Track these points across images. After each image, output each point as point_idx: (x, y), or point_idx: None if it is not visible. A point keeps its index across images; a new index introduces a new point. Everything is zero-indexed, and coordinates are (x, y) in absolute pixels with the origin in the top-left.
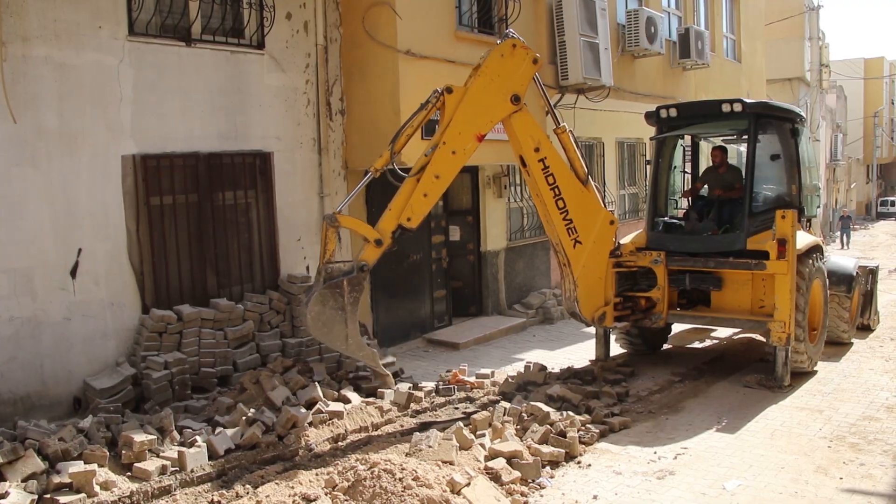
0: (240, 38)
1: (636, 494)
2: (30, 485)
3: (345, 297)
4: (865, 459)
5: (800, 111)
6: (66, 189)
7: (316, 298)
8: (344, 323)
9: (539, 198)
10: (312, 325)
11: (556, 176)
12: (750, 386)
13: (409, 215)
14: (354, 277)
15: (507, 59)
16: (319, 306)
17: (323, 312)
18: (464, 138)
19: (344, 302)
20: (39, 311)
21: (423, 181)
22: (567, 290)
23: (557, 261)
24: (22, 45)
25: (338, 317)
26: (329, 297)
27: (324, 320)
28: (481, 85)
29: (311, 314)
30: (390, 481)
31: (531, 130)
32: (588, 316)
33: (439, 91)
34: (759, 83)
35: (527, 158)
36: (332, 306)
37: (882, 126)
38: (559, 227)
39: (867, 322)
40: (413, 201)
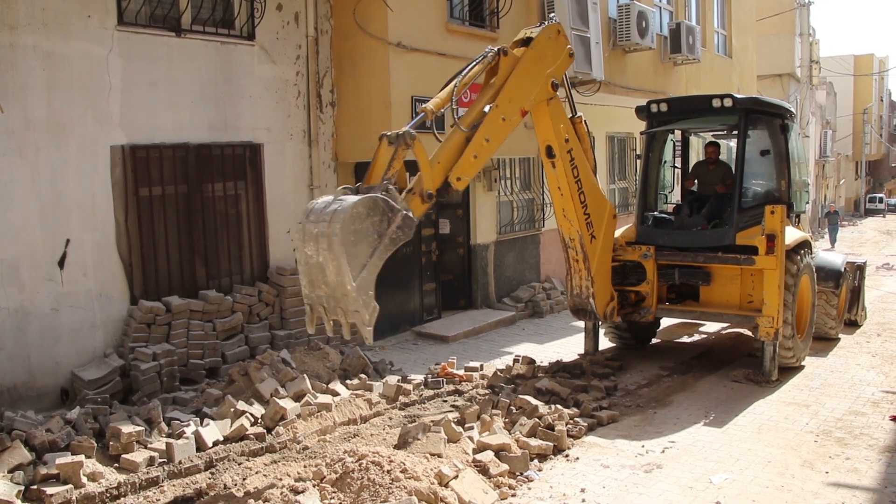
0: (230, 29)
1: (624, 488)
2: (16, 476)
3: (389, 227)
4: (851, 454)
5: (790, 107)
6: (54, 179)
7: (367, 199)
8: (371, 250)
9: (560, 191)
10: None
11: (579, 168)
12: (738, 380)
13: (458, 174)
14: (408, 218)
15: (552, 43)
16: (365, 209)
17: (362, 220)
18: (513, 107)
19: (385, 230)
20: (27, 301)
21: (475, 142)
22: (577, 287)
23: (567, 256)
24: (9, 34)
25: (371, 238)
26: (378, 210)
27: (356, 228)
28: (532, 59)
29: (353, 209)
30: (378, 473)
31: (563, 120)
32: (601, 311)
33: (495, 49)
34: (750, 79)
35: (556, 149)
36: (373, 222)
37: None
38: (579, 222)
39: (854, 318)
40: (464, 160)
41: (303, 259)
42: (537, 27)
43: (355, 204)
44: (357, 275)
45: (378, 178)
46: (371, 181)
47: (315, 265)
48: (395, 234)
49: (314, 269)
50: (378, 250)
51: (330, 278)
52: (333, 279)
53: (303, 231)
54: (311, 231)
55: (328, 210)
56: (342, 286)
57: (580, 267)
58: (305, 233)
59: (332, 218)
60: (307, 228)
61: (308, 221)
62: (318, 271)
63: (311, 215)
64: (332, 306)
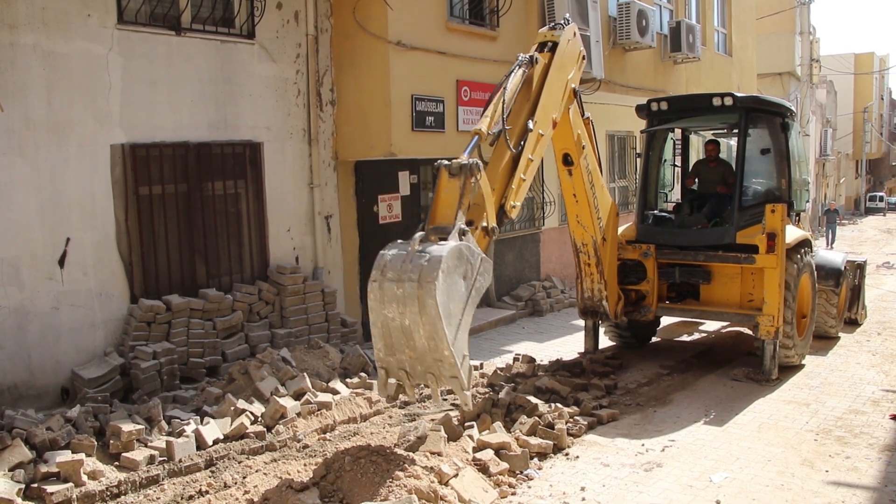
0: (230, 28)
1: (624, 486)
2: (17, 474)
3: (474, 276)
4: (851, 452)
5: (790, 106)
6: (54, 178)
7: (454, 251)
8: (463, 305)
9: (575, 198)
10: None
11: (592, 173)
12: (738, 379)
13: (513, 200)
14: (487, 261)
15: (571, 47)
16: (454, 262)
17: (453, 274)
18: (546, 120)
19: (472, 281)
20: (27, 300)
21: (523, 162)
22: (589, 290)
23: (578, 261)
24: (9, 33)
25: (460, 293)
26: (463, 260)
27: (448, 285)
28: (557, 67)
29: (445, 265)
30: (378, 472)
31: (580, 126)
32: (612, 311)
33: (527, 57)
34: (750, 77)
35: (574, 156)
36: (460, 275)
37: (871, 121)
38: (594, 227)
39: (855, 316)
40: (516, 184)
41: (380, 321)
42: (555, 30)
43: (445, 259)
44: (454, 337)
45: (446, 217)
46: (438, 220)
47: (398, 328)
48: (480, 283)
49: (396, 333)
50: (468, 304)
51: (419, 343)
52: (424, 343)
53: (380, 291)
54: (394, 292)
55: (411, 266)
56: (436, 351)
57: (592, 270)
58: (385, 293)
59: (421, 276)
60: (387, 288)
61: (386, 280)
62: (402, 335)
63: (389, 272)
64: (420, 371)
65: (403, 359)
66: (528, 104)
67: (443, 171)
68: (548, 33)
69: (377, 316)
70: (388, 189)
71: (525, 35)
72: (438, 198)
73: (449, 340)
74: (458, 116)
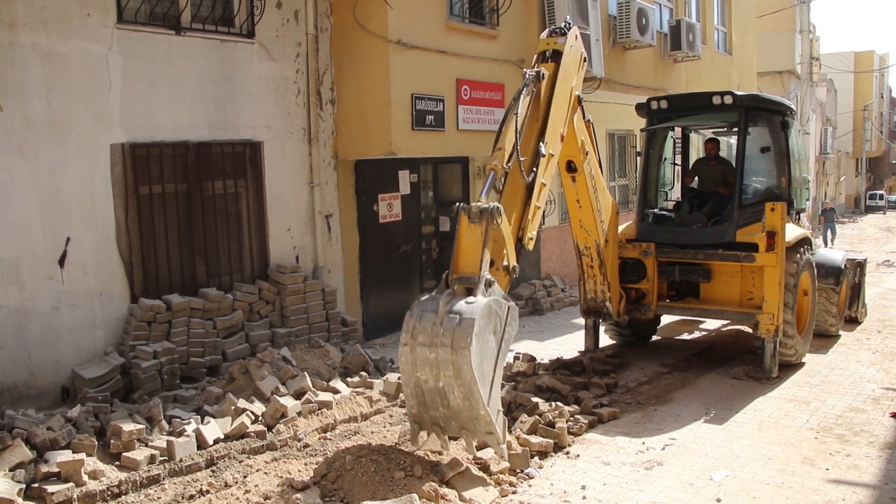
0: (230, 27)
1: (624, 485)
2: (17, 474)
3: (504, 328)
4: (851, 450)
5: (790, 104)
6: (54, 178)
7: (484, 310)
8: (494, 362)
9: (578, 204)
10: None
11: (595, 178)
12: (738, 377)
13: (530, 233)
14: (515, 309)
15: (574, 51)
16: (485, 322)
17: (484, 334)
18: (556, 138)
19: (502, 335)
20: (27, 300)
21: (537, 190)
22: (592, 291)
23: (580, 263)
24: (9, 33)
25: (492, 349)
26: (493, 316)
27: (481, 346)
28: (562, 78)
29: (477, 327)
30: (379, 471)
31: (584, 132)
32: (616, 311)
33: (533, 74)
34: (750, 76)
35: (578, 163)
36: (490, 331)
37: (871, 120)
38: (596, 231)
39: (855, 314)
40: (532, 214)
41: (412, 382)
42: (556, 36)
43: (477, 321)
44: (488, 396)
45: (469, 266)
46: (462, 269)
47: (431, 390)
48: (509, 334)
49: (430, 394)
50: (499, 359)
51: (454, 403)
52: (459, 403)
53: (412, 356)
54: (426, 356)
55: (442, 329)
56: (471, 410)
57: (595, 272)
58: (417, 357)
59: (454, 342)
60: (419, 353)
61: (418, 344)
62: (436, 395)
63: (420, 335)
64: (455, 427)
65: (437, 415)
66: (538, 124)
67: (462, 217)
68: (550, 41)
69: (409, 377)
70: (389, 188)
71: (525, 34)
72: (460, 245)
73: (484, 401)
74: (458, 115)
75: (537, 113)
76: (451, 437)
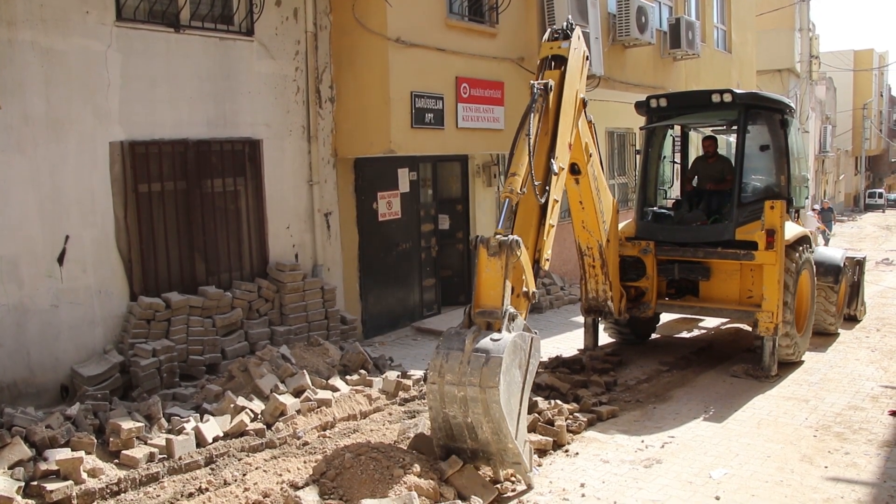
0: (229, 25)
1: (623, 482)
2: (16, 472)
3: (528, 361)
4: (850, 448)
5: (789, 102)
6: (53, 176)
7: (510, 347)
8: (520, 395)
9: (581, 205)
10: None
11: (598, 179)
12: (737, 375)
13: (546, 254)
14: (537, 340)
15: (577, 54)
16: (511, 359)
17: (510, 370)
18: (565, 150)
19: (527, 368)
20: (26, 298)
21: (550, 208)
22: (593, 290)
23: (582, 262)
24: (8, 30)
25: (517, 384)
26: (518, 351)
27: (508, 382)
28: (570, 84)
29: (504, 365)
30: (378, 469)
31: (588, 134)
32: (616, 309)
33: (541, 87)
34: (750, 74)
35: (582, 166)
36: (516, 366)
37: (871, 118)
38: (598, 232)
39: (854, 313)
40: (547, 235)
41: (441, 418)
42: (558, 40)
43: (504, 360)
44: (516, 430)
45: (491, 299)
46: (483, 302)
47: (459, 425)
48: (533, 366)
49: (458, 429)
50: (524, 391)
51: (482, 437)
52: (488, 437)
53: (440, 393)
54: (455, 394)
55: (470, 368)
56: (499, 443)
57: (597, 272)
58: (445, 395)
59: (482, 381)
60: (447, 391)
61: (446, 383)
62: (464, 429)
63: (447, 374)
64: (482, 457)
65: (465, 447)
66: (548, 139)
67: (482, 250)
68: (553, 45)
69: (437, 413)
70: (388, 186)
71: (524, 32)
72: (480, 278)
73: (512, 435)
74: (458, 113)
75: (546, 127)
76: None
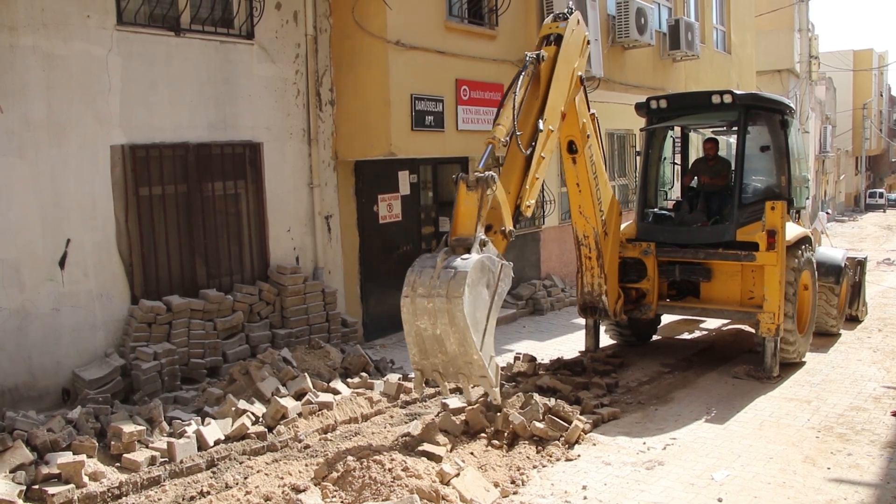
0: (229, 29)
1: (625, 485)
2: (18, 476)
3: (496, 283)
4: (853, 449)
5: (789, 103)
6: (54, 179)
7: (477, 264)
8: (487, 312)
9: (578, 188)
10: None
11: (596, 165)
12: (739, 377)
13: (528, 200)
14: (508, 267)
15: (575, 35)
16: (478, 275)
17: (477, 286)
18: (555, 115)
19: (495, 289)
20: (27, 302)
21: (536, 162)
22: (589, 285)
23: (579, 254)
24: (9, 35)
25: (485, 301)
26: (486, 270)
27: (474, 297)
28: (563, 59)
29: (469, 279)
30: (380, 472)
31: (586, 115)
32: (612, 309)
33: (533, 56)
34: (749, 74)
35: (579, 144)
36: (484, 285)
37: (871, 118)
38: (595, 218)
39: (855, 313)
40: (530, 184)
41: (413, 331)
42: (559, 21)
43: (470, 273)
44: (481, 342)
45: (466, 228)
46: (459, 231)
47: (430, 337)
48: (502, 288)
49: (429, 341)
50: (492, 310)
51: (450, 349)
52: (455, 349)
53: (412, 306)
54: (425, 306)
55: (439, 282)
56: (466, 355)
57: (593, 264)
58: (416, 307)
59: (449, 291)
60: (418, 303)
61: (417, 296)
62: (435, 342)
63: (419, 288)
64: (452, 372)
65: (437, 362)
66: (538, 102)
67: (461, 184)
68: (552, 25)
69: (410, 327)
70: (388, 189)
71: (524, 33)
72: (458, 210)
73: (477, 346)
74: (458, 115)
75: (537, 92)
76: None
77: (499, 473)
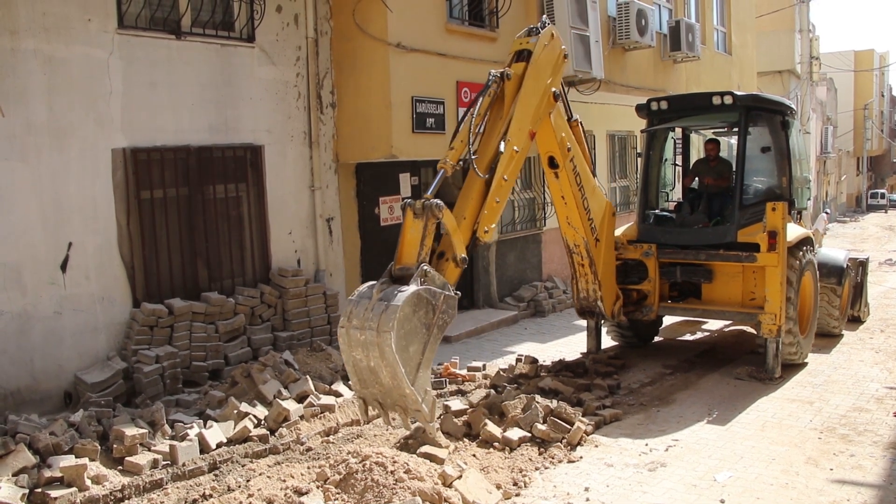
0: (230, 32)
1: (628, 486)
2: (21, 479)
3: (435, 315)
4: (855, 450)
5: (790, 103)
6: (55, 183)
7: (411, 298)
8: (423, 345)
9: (563, 200)
10: (395, 330)
11: (581, 175)
12: (741, 378)
13: (485, 226)
14: (451, 298)
15: (549, 50)
16: (411, 309)
17: (410, 320)
18: (522, 134)
19: (433, 321)
20: (29, 305)
21: (496, 185)
22: (584, 290)
23: (571, 261)
24: (10, 39)
25: (421, 334)
26: (423, 303)
27: (406, 331)
28: (532, 76)
29: (401, 313)
30: (382, 474)
31: (564, 128)
32: (609, 312)
33: (497, 74)
34: (750, 76)
35: (559, 159)
36: (420, 318)
37: (872, 118)
38: (584, 229)
39: (857, 314)
40: (488, 208)
41: (350, 361)
42: (530, 37)
43: (402, 307)
44: (414, 376)
45: (410, 258)
46: (403, 260)
47: (366, 368)
48: (442, 320)
49: (365, 372)
50: (429, 343)
51: (384, 381)
52: (388, 382)
53: (347, 336)
54: (358, 338)
55: (371, 314)
56: (398, 388)
57: (586, 271)
58: (351, 338)
59: (380, 325)
60: (353, 335)
61: (351, 327)
62: (370, 374)
63: (354, 319)
64: (390, 403)
65: (375, 392)
66: (502, 122)
67: (408, 211)
68: (523, 40)
69: (347, 357)
70: (390, 191)
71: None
72: (404, 238)
73: (408, 381)
74: (459, 117)
75: (501, 112)
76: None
77: (501, 475)
